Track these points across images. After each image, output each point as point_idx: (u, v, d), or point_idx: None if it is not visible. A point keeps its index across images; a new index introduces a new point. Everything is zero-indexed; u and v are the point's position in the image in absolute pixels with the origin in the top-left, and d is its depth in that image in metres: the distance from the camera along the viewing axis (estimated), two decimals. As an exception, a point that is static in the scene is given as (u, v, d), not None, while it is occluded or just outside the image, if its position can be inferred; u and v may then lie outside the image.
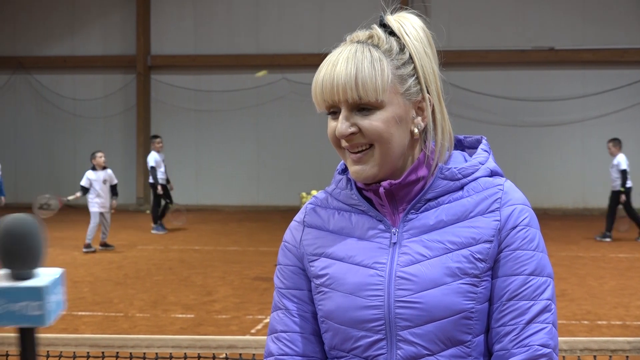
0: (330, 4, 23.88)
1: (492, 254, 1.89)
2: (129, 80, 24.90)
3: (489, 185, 1.95)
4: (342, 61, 1.88)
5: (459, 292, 1.85)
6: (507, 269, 1.89)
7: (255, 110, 24.42)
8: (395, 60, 1.90)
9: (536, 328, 1.85)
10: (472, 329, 1.87)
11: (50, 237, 17.15)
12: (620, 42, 22.68)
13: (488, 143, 2.07)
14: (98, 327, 8.94)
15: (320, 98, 1.92)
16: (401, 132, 1.90)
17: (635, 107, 22.79)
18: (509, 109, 23.22)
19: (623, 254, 14.27)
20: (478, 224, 1.90)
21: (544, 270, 1.90)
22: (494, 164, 2.01)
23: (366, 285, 1.90)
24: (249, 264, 13.39)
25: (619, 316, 9.48)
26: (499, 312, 1.88)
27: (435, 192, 1.95)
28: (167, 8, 24.74)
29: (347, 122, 1.88)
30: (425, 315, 1.85)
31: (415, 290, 1.86)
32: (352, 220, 2.00)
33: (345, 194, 2.02)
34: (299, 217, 2.10)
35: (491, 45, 23.04)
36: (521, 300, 1.87)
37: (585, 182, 22.95)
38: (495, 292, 1.89)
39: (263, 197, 24.28)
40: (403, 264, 1.89)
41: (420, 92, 1.93)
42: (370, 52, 1.88)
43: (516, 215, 1.91)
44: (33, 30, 25.29)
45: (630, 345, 3.41)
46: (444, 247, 1.89)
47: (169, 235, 17.69)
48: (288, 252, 2.08)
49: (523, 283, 1.87)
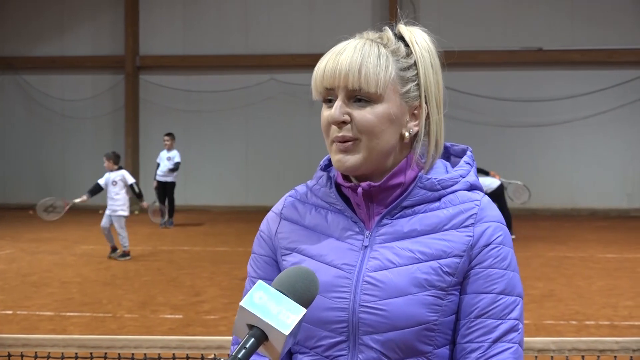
0: (319, 5, 23.88)
1: (461, 269, 1.89)
2: (117, 81, 24.85)
3: (466, 200, 1.95)
4: (349, 50, 1.90)
5: (423, 303, 1.85)
6: (477, 286, 1.89)
7: (244, 111, 24.40)
8: (400, 62, 1.93)
9: (502, 347, 1.86)
10: (434, 340, 1.87)
11: (40, 237, 17.11)
12: (609, 42, 22.74)
13: (472, 155, 2.07)
14: (86, 328, 8.91)
15: (320, 83, 1.92)
16: (392, 131, 1.91)
17: (624, 107, 22.86)
18: (498, 110, 23.26)
19: (611, 254, 14.31)
20: (450, 237, 1.90)
21: (514, 289, 1.90)
22: (474, 178, 2.01)
23: (333, 286, 1.91)
24: (238, 264, 13.37)
25: (607, 316, 9.51)
26: (467, 328, 1.88)
27: (412, 200, 1.95)
28: (156, 8, 24.70)
29: (342, 110, 1.89)
30: (388, 323, 1.85)
31: (380, 297, 1.86)
32: (328, 219, 2.00)
33: (324, 192, 2.03)
34: (277, 208, 2.11)
35: (480, 46, 23.07)
36: (489, 319, 1.87)
37: (573, 183, 23.01)
38: (463, 308, 1.89)
39: (252, 198, 24.25)
40: (371, 269, 1.89)
41: (419, 98, 1.94)
42: (379, 48, 1.91)
43: (490, 232, 1.91)
44: (22, 30, 25.20)
45: (618, 345, 3.42)
46: (414, 257, 1.89)
47: (157, 236, 17.66)
48: (263, 242, 2.09)
49: (492, 301, 1.88)
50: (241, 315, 1.64)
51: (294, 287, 1.68)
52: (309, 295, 1.69)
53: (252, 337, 1.61)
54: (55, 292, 11.07)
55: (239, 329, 1.66)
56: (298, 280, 1.70)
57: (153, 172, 21.18)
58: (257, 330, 1.62)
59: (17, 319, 9.39)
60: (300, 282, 1.69)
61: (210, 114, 24.48)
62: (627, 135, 22.81)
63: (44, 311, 9.79)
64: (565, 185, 23.08)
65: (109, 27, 24.97)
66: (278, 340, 1.62)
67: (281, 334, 1.61)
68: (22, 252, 15.08)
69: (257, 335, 1.62)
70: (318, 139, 23.20)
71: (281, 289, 1.67)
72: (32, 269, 13.06)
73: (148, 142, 24.58)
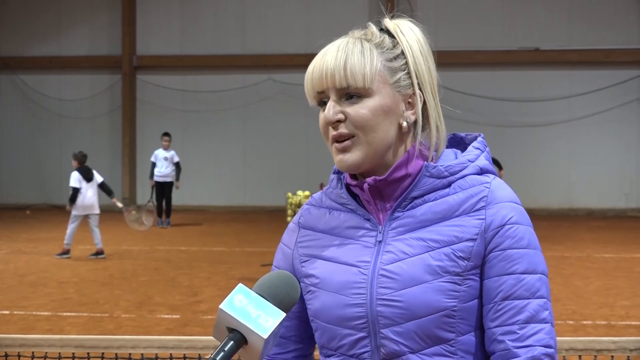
0: (317, 5, 23.88)
1: (475, 253, 1.88)
2: (114, 81, 24.84)
3: (476, 183, 1.94)
4: (333, 50, 1.91)
5: (439, 290, 1.85)
6: (498, 269, 1.88)
7: (242, 111, 24.39)
8: (386, 53, 1.93)
9: (536, 328, 1.84)
10: (455, 327, 1.86)
11: (37, 237, 17.10)
12: (606, 42, 22.76)
13: (484, 140, 2.06)
14: (83, 328, 8.91)
15: (311, 87, 1.93)
16: (388, 123, 1.91)
17: (621, 107, 22.87)
18: (495, 110, 23.27)
19: (608, 254, 14.33)
20: (462, 223, 1.90)
21: (537, 267, 1.90)
22: (484, 162, 2.00)
23: (350, 283, 1.91)
24: (236, 264, 13.37)
25: (604, 316, 9.52)
26: (494, 312, 1.87)
27: (421, 190, 1.95)
28: (153, 8, 24.69)
29: (335, 109, 1.90)
30: (406, 314, 1.85)
31: (396, 288, 1.87)
32: (342, 219, 2.01)
33: (336, 193, 2.05)
34: (296, 218, 2.13)
35: (477, 46, 23.09)
36: (516, 300, 1.85)
37: (571, 183, 23.03)
38: (487, 293, 1.88)
39: (250, 198, 24.26)
40: (386, 262, 1.90)
41: (412, 86, 1.94)
42: (362, 43, 1.92)
43: (503, 213, 1.90)
44: (19, 30, 25.19)
45: (615, 345, 3.42)
46: (426, 245, 1.89)
47: (155, 236, 17.65)
48: (281, 255, 2.11)
49: (516, 282, 1.86)
50: (221, 318, 1.65)
51: (275, 291, 1.70)
52: (289, 299, 1.71)
53: (231, 340, 1.62)
54: (52, 292, 11.06)
55: (219, 331, 1.67)
56: (279, 284, 1.72)
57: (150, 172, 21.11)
58: (237, 334, 1.63)
59: (14, 319, 9.39)
60: (281, 286, 1.71)
61: (207, 114, 24.47)
62: (624, 135, 22.83)
63: (41, 311, 9.78)
64: (563, 185, 23.10)
65: (106, 27, 24.95)
66: (257, 344, 1.63)
67: (260, 337, 1.62)
68: (19, 252, 15.07)
69: (236, 338, 1.63)
70: (315, 138, 23.27)
71: (261, 293, 1.68)
72: (29, 269, 13.05)
73: (145, 142, 24.56)
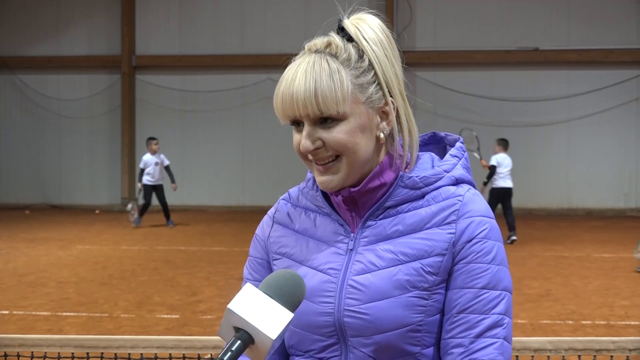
0: (315, 4, 23.87)
1: (444, 268, 1.86)
2: (114, 81, 24.83)
3: (449, 196, 1.91)
4: (301, 75, 1.85)
5: (407, 305, 1.83)
6: (459, 282, 1.85)
7: (241, 111, 24.39)
8: (354, 69, 1.87)
9: (486, 342, 1.83)
10: (421, 341, 1.86)
11: (36, 237, 17.09)
12: (605, 42, 22.76)
13: (463, 146, 2.02)
14: (83, 328, 8.90)
15: (282, 112, 1.90)
16: (367, 140, 1.88)
17: (620, 107, 22.88)
18: (494, 109, 23.26)
19: (607, 254, 14.32)
20: (432, 236, 1.87)
21: (499, 283, 1.86)
22: (460, 171, 1.96)
23: (319, 291, 1.90)
24: (235, 264, 13.37)
25: (603, 316, 9.51)
26: (450, 324, 1.86)
27: (394, 200, 1.92)
28: (153, 8, 24.68)
29: (311, 138, 1.86)
30: (372, 327, 1.84)
31: (363, 300, 1.85)
32: (317, 222, 2.00)
33: (312, 195, 2.03)
34: (271, 212, 2.11)
35: (476, 46, 23.09)
36: (471, 314, 1.84)
37: (569, 182, 23.03)
38: (447, 304, 1.87)
39: (248, 198, 24.26)
40: (355, 273, 1.88)
41: (384, 97, 1.90)
42: (328, 63, 1.85)
43: (473, 228, 1.87)
44: (18, 30, 25.18)
45: (614, 345, 3.42)
46: (396, 259, 1.86)
47: (154, 236, 17.64)
48: (257, 245, 2.10)
49: (474, 296, 1.84)
50: (228, 318, 1.64)
51: (282, 290, 1.69)
52: (295, 299, 1.70)
53: (239, 340, 1.62)
54: (51, 292, 11.05)
55: (225, 331, 1.66)
56: (286, 284, 1.70)
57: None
58: (244, 333, 1.62)
59: (13, 318, 9.38)
60: (288, 286, 1.70)
61: (206, 113, 24.47)
62: (623, 135, 22.83)
63: (40, 311, 9.78)
64: (562, 185, 23.10)
65: (105, 26, 24.94)
66: (264, 344, 1.62)
67: (268, 337, 1.61)
68: (19, 252, 15.06)
69: (244, 338, 1.62)
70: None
71: (269, 293, 1.67)
72: (28, 268, 13.05)
73: (144, 141, 24.55)
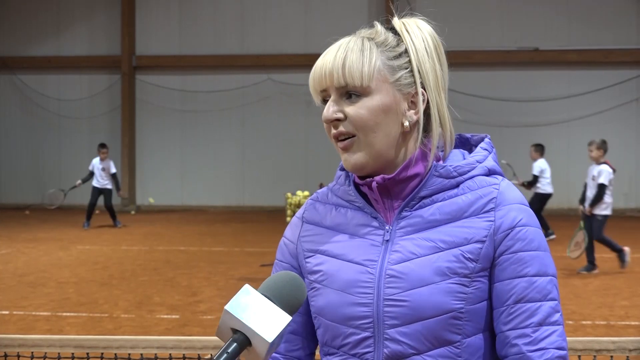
0: (316, 4, 23.87)
1: (484, 255, 1.87)
2: (114, 81, 24.83)
3: (485, 184, 1.94)
4: (334, 49, 1.91)
5: (447, 291, 1.84)
6: (510, 272, 1.87)
7: (241, 111, 24.39)
8: (388, 51, 1.91)
9: (549, 330, 1.84)
10: (462, 329, 1.86)
11: (36, 237, 17.09)
12: (605, 42, 22.76)
13: (491, 142, 2.06)
14: (83, 328, 8.90)
15: (314, 87, 1.94)
16: (389, 122, 1.90)
17: (620, 107, 22.88)
18: (494, 110, 23.26)
19: (607, 254, 14.29)
20: (471, 224, 1.89)
21: (547, 269, 1.89)
22: (492, 163, 1.99)
23: (356, 282, 1.90)
24: (235, 264, 13.37)
25: (603, 316, 9.52)
26: (507, 315, 1.86)
27: (429, 189, 1.94)
28: (153, 8, 24.68)
29: (334, 108, 1.90)
30: (413, 314, 1.84)
31: (404, 288, 1.86)
32: (348, 217, 2.00)
33: (343, 190, 2.03)
34: (299, 213, 2.12)
35: (476, 46, 23.08)
36: (529, 302, 1.85)
37: (570, 183, 23.00)
38: (499, 296, 1.88)
39: (249, 198, 24.26)
40: (393, 262, 1.89)
41: (414, 85, 1.92)
42: (363, 41, 1.91)
43: (512, 216, 1.89)
44: (18, 30, 25.18)
45: (614, 345, 3.42)
46: (435, 246, 1.88)
47: (154, 236, 17.64)
48: (285, 249, 2.10)
49: (529, 285, 1.86)
50: (225, 319, 1.63)
51: (281, 293, 1.68)
52: (295, 301, 1.69)
53: (235, 342, 1.61)
54: (51, 292, 11.05)
55: (223, 332, 1.65)
56: (285, 286, 1.69)
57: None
58: (241, 335, 1.61)
59: (13, 319, 9.38)
60: (287, 288, 1.69)
61: (206, 113, 24.47)
62: (623, 135, 22.82)
63: (40, 311, 9.78)
64: (562, 185, 23.05)
65: (105, 27, 24.94)
66: (261, 347, 1.61)
67: (264, 340, 1.60)
68: (19, 252, 15.06)
69: (240, 340, 1.61)
70: (315, 138, 23.28)
71: (267, 295, 1.67)
72: (28, 269, 13.05)
73: (144, 142, 24.58)
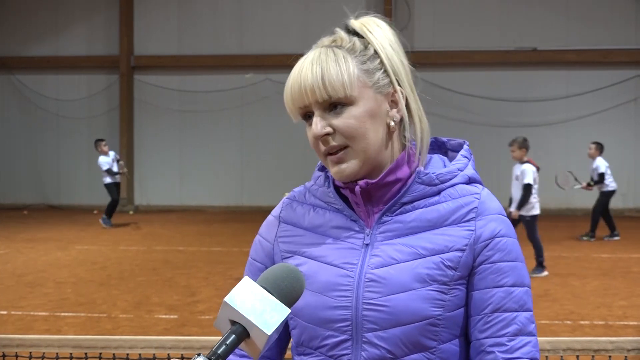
0: (315, 4, 23.87)
1: (463, 263, 1.89)
2: (112, 81, 24.82)
3: (466, 193, 1.95)
4: (307, 65, 1.89)
5: (426, 298, 1.85)
6: (488, 281, 1.89)
7: (240, 111, 24.39)
8: (360, 56, 1.91)
9: (524, 340, 1.87)
10: (438, 335, 1.87)
11: (34, 237, 17.08)
12: (604, 42, 22.77)
13: (469, 149, 2.06)
14: (81, 328, 8.90)
15: (292, 105, 1.91)
16: (377, 127, 1.90)
17: (619, 107, 22.88)
18: (493, 110, 23.26)
19: (606, 254, 14.33)
20: (452, 232, 1.90)
21: (524, 280, 1.92)
22: (472, 171, 2.01)
23: (335, 285, 1.91)
24: (233, 264, 13.37)
25: (602, 316, 9.52)
26: (484, 323, 1.88)
27: (411, 196, 1.95)
28: (151, 8, 24.67)
29: (322, 123, 1.88)
30: (391, 319, 1.85)
31: (383, 293, 1.86)
32: (327, 218, 2.00)
33: (323, 191, 2.03)
34: (276, 211, 2.11)
35: (474, 46, 23.09)
36: (506, 312, 1.88)
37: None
38: (476, 304, 1.89)
39: (247, 198, 24.25)
40: (373, 266, 1.89)
41: (391, 84, 1.93)
42: (334, 51, 1.90)
43: (492, 227, 1.91)
44: (16, 30, 25.16)
45: (612, 345, 3.42)
46: (415, 252, 1.89)
47: (152, 236, 17.64)
48: (260, 248, 2.09)
49: (506, 295, 1.88)
50: (224, 311, 1.63)
51: (280, 285, 1.68)
52: (294, 294, 1.69)
53: (234, 334, 1.61)
54: (50, 292, 11.05)
55: (221, 323, 1.65)
56: (284, 278, 1.69)
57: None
58: (239, 327, 1.62)
59: (11, 319, 9.38)
60: (286, 280, 1.69)
61: (205, 114, 24.46)
62: (622, 135, 22.84)
63: (38, 311, 9.77)
64: (560, 185, 23.08)
65: (103, 27, 24.93)
66: (260, 339, 1.61)
67: (263, 332, 1.60)
68: (17, 252, 15.05)
69: (239, 332, 1.61)
70: (313, 139, 23.24)
71: (266, 287, 1.67)
72: (26, 269, 13.04)
73: (143, 142, 24.57)
